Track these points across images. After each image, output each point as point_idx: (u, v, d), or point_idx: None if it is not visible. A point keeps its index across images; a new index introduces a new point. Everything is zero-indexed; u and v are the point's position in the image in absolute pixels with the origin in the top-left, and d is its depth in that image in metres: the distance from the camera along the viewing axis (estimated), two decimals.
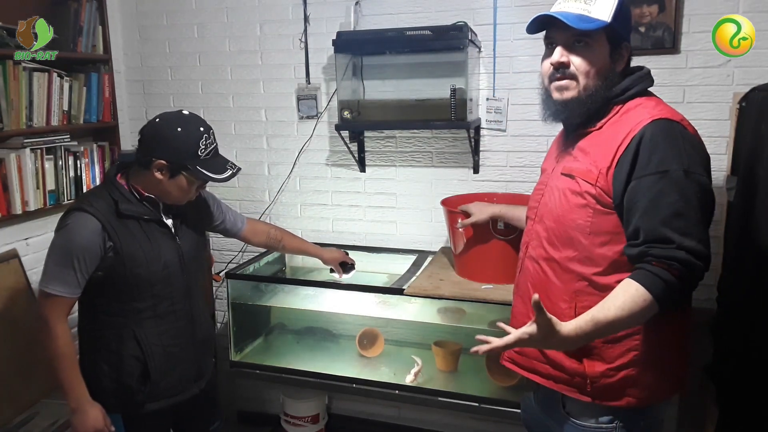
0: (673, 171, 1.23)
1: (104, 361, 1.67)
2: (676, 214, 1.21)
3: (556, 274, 1.38)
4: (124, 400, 1.69)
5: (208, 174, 1.63)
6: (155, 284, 1.67)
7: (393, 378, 2.36)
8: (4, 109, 2.21)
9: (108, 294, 1.65)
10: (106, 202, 1.61)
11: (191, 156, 1.61)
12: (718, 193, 2.20)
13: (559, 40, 1.35)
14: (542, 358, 1.42)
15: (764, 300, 1.64)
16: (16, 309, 2.29)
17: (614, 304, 1.20)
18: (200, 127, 1.64)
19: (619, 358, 1.34)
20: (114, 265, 1.61)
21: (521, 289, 1.49)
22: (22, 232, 2.40)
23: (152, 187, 1.65)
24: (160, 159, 1.60)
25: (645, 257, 1.21)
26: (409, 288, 2.16)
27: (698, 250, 1.20)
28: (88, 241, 1.56)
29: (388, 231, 2.71)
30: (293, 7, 2.64)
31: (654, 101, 1.37)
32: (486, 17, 2.39)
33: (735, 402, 1.83)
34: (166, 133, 1.61)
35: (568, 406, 1.42)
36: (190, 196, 1.71)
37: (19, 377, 2.24)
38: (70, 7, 2.52)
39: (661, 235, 1.20)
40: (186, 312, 1.76)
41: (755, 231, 1.71)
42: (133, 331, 1.66)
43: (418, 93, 2.45)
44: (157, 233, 1.68)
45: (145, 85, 2.95)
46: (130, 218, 1.63)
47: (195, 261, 1.81)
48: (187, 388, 1.79)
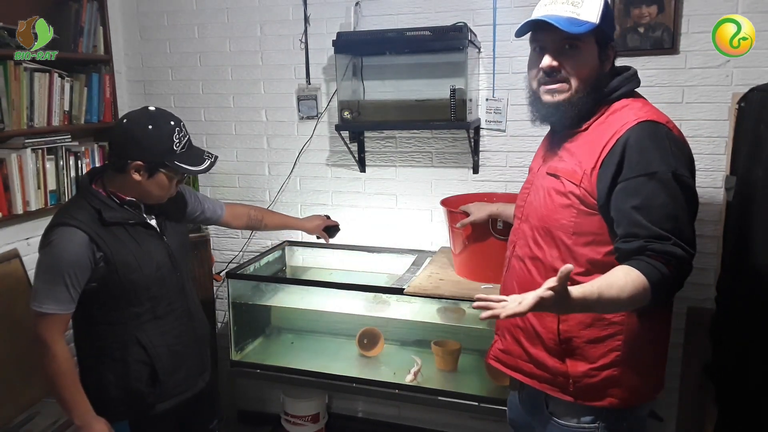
0: (661, 173, 1.23)
1: (109, 371, 1.65)
2: (668, 216, 1.22)
3: (541, 274, 1.38)
4: (133, 405, 1.67)
5: (187, 167, 1.59)
6: (151, 287, 1.65)
7: (393, 378, 2.37)
8: (5, 110, 2.21)
9: (104, 304, 1.62)
10: (88, 213, 1.57)
11: (167, 152, 1.57)
12: (717, 193, 2.23)
13: (548, 44, 1.34)
14: (526, 357, 1.43)
15: (763, 300, 1.64)
16: (17, 309, 2.30)
17: (617, 284, 1.18)
18: (170, 121, 1.60)
19: (601, 358, 1.34)
20: (107, 274, 1.58)
21: (507, 288, 1.50)
22: (23, 232, 2.40)
23: (131, 189, 1.62)
24: (136, 160, 1.56)
25: (644, 251, 1.21)
26: (409, 288, 2.16)
27: (690, 249, 1.22)
28: (76, 255, 1.52)
29: (388, 231, 2.71)
30: (293, 7, 2.64)
31: (640, 102, 1.37)
32: (486, 18, 2.39)
33: (734, 402, 1.83)
34: (138, 134, 1.56)
35: (551, 406, 1.43)
36: (171, 193, 1.68)
37: (20, 377, 2.24)
38: (71, 7, 2.52)
39: (657, 233, 1.21)
40: (184, 309, 1.76)
41: (754, 231, 1.71)
42: (136, 336, 1.64)
43: (418, 93, 2.46)
44: (145, 236, 1.65)
45: (145, 86, 2.96)
46: (116, 225, 1.59)
47: (184, 257, 1.81)
48: (193, 384, 1.79)
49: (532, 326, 1.40)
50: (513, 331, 1.46)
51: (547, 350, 1.39)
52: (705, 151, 2.22)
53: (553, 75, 1.34)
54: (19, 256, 2.36)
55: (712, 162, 2.21)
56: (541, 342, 1.39)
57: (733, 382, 1.83)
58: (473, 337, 2.46)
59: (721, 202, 2.21)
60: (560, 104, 1.35)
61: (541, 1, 1.37)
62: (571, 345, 1.35)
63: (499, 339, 1.52)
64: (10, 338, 2.24)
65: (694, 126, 2.21)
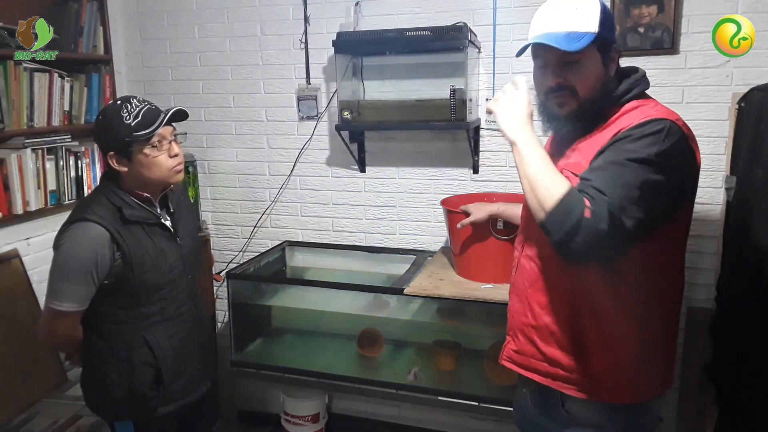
0: (636, 157, 1.21)
1: (113, 371, 1.64)
2: (616, 183, 1.19)
3: (554, 272, 1.38)
4: (136, 406, 1.67)
5: (146, 131, 1.56)
6: (162, 288, 1.65)
7: (393, 378, 2.37)
8: (5, 110, 2.21)
9: (116, 302, 1.62)
10: (108, 210, 1.57)
11: (123, 130, 1.55)
12: (717, 193, 2.23)
13: (550, 61, 1.33)
14: (540, 356, 1.43)
15: (763, 299, 1.64)
16: (17, 309, 2.30)
17: (548, 170, 1.26)
18: (117, 101, 1.61)
19: (615, 354, 1.35)
20: (122, 272, 1.57)
21: (518, 287, 1.49)
22: (23, 232, 2.40)
23: (135, 181, 1.61)
24: (108, 153, 1.59)
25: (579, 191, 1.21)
26: (409, 288, 2.16)
27: (617, 218, 1.17)
28: (97, 252, 1.52)
29: (388, 231, 2.71)
30: (293, 7, 2.64)
31: (652, 103, 1.36)
32: (486, 18, 2.39)
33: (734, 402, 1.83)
34: (97, 130, 1.63)
35: (567, 404, 1.43)
36: (170, 164, 1.62)
37: (19, 376, 2.24)
38: (71, 7, 2.52)
39: (598, 186, 1.20)
40: (191, 314, 1.75)
41: (754, 231, 1.71)
42: (144, 337, 1.64)
43: (418, 93, 2.46)
44: (160, 236, 1.65)
45: (145, 86, 2.96)
46: (135, 224, 1.60)
47: (194, 261, 1.81)
48: (195, 389, 1.79)
49: (546, 325, 1.40)
50: (526, 331, 1.46)
51: (562, 348, 1.38)
52: (705, 151, 2.19)
53: (560, 89, 1.34)
54: (19, 256, 2.36)
55: (712, 162, 2.21)
56: (555, 340, 1.39)
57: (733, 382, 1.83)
58: (473, 337, 2.46)
59: (721, 202, 2.22)
60: (570, 114, 1.35)
61: (540, 14, 1.35)
62: (585, 342, 1.35)
63: (512, 339, 1.52)
64: (10, 338, 2.24)
65: (694, 126, 2.16)
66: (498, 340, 2.02)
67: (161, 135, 1.59)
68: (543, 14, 1.34)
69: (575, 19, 1.29)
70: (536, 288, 1.41)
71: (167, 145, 1.61)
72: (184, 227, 1.76)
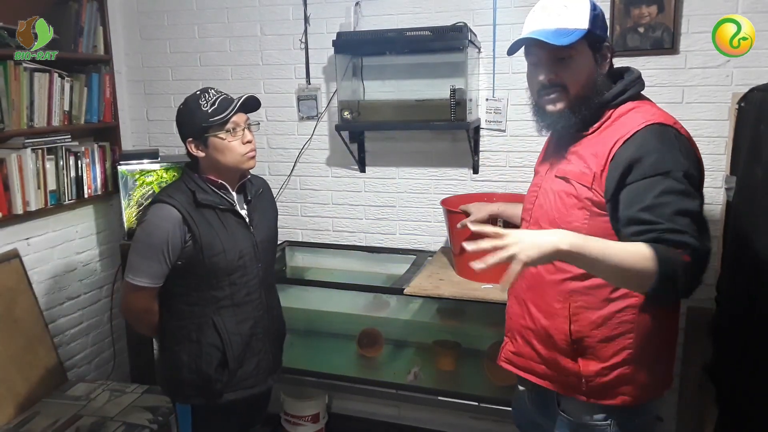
0: (674, 172, 1.22)
1: (184, 352, 1.70)
2: (681, 211, 1.19)
3: (551, 275, 1.38)
4: (202, 389, 1.70)
5: (221, 116, 1.65)
6: (232, 273, 1.69)
7: (393, 378, 2.37)
8: (5, 110, 2.22)
9: (187, 283, 1.68)
10: (184, 194, 1.66)
11: (202, 117, 1.65)
12: (717, 193, 2.23)
13: (541, 58, 1.34)
14: (538, 358, 1.43)
15: (763, 300, 1.64)
16: (17, 309, 2.30)
17: (624, 250, 1.15)
18: (197, 91, 1.71)
19: (613, 356, 1.34)
20: (193, 254, 1.64)
21: (516, 290, 1.49)
22: (23, 232, 2.41)
23: (211, 167, 1.70)
24: (187, 139, 1.68)
25: (659, 242, 1.17)
26: (409, 288, 2.16)
27: (707, 243, 1.19)
28: (169, 231, 1.61)
29: (388, 231, 2.71)
30: (293, 7, 2.64)
31: (647, 105, 1.36)
32: (486, 18, 2.39)
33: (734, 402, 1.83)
34: (178, 119, 1.72)
35: (563, 404, 1.43)
36: (245, 150, 1.70)
37: (19, 377, 2.25)
38: (71, 7, 2.53)
39: (671, 227, 1.17)
40: (262, 302, 1.78)
41: (754, 231, 1.71)
42: (212, 319, 1.69)
43: (418, 93, 2.46)
44: (233, 223, 1.71)
45: (145, 85, 2.96)
46: (207, 207, 1.67)
47: (268, 252, 1.85)
48: (263, 381, 1.81)
49: (544, 328, 1.40)
50: (524, 333, 1.46)
51: (559, 351, 1.39)
52: (705, 151, 2.18)
53: (552, 87, 1.34)
54: (19, 256, 2.36)
55: (712, 162, 2.21)
56: (552, 343, 1.40)
57: (733, 382, 1.83)
58: (473, 337, 2.46)
59: (721, 202, 2.22)
60: (563, 112, 1.35)
61: (530, 15, 1.36)
62: (583, 345, 1.36)
63: (510, 341, 1.53)
64: (10, 338, 2.24)
65: (694, 126, 2.21)
66: (498, 340, 2.02)
67: (235, 122, 1.67)
68: (534, 14, 1.35)
69: (565, 16, 1.30)
70: (534, 291, 1.42)
71: (241, 132, 1.69)
72: (260, 218, 1.80)
